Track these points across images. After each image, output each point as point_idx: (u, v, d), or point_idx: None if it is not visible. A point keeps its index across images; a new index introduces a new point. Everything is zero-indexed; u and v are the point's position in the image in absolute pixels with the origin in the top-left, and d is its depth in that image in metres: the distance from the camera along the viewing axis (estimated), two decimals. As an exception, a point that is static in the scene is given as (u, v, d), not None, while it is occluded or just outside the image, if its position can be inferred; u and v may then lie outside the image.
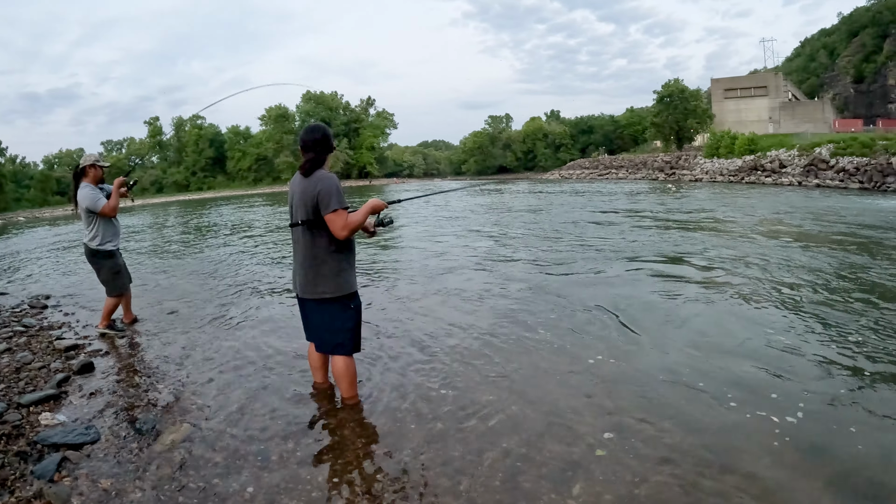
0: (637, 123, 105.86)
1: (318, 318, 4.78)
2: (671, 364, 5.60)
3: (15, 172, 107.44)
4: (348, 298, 4.70)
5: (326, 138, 4.67)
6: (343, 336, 4.75)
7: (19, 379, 5.96)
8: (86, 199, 7.16)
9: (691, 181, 46.96)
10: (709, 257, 11.06)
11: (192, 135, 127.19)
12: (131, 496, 3.74)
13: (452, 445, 4.24)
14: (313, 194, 4.45)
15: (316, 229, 4.55)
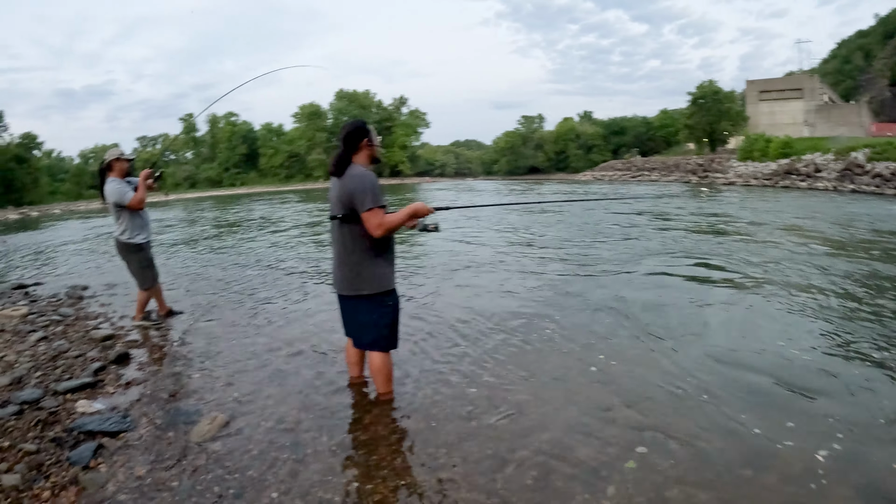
0: (670, 125, 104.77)
1: (355, 314, 4.77)
2: (699, 374, 5.42)
3: (50, 166, 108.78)
4: (385, 295, 4.68)
5: (351, 133, 4.61)
6: (379, 332, 4.72)
7: (56, 367, 6.02)
8: (113, 193, 7.21)
9: (724, 184, 46.33)
10: (739, 263, 10.83)
11: (225, 131, 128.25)
12: (167, 485, 3.76)
13: (485, 443, 4.21)
14: (348, 193, 4.42)
15: (352, 225, 4.52)
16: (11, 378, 5.61)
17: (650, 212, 22.49)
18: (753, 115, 74.84)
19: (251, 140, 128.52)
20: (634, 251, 12.80)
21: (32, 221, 45.25)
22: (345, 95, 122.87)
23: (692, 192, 36.93)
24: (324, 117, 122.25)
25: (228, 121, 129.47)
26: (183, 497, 3.61)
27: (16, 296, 10.60)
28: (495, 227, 19.16)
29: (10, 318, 8.33)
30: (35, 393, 5.19)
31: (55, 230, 30.91)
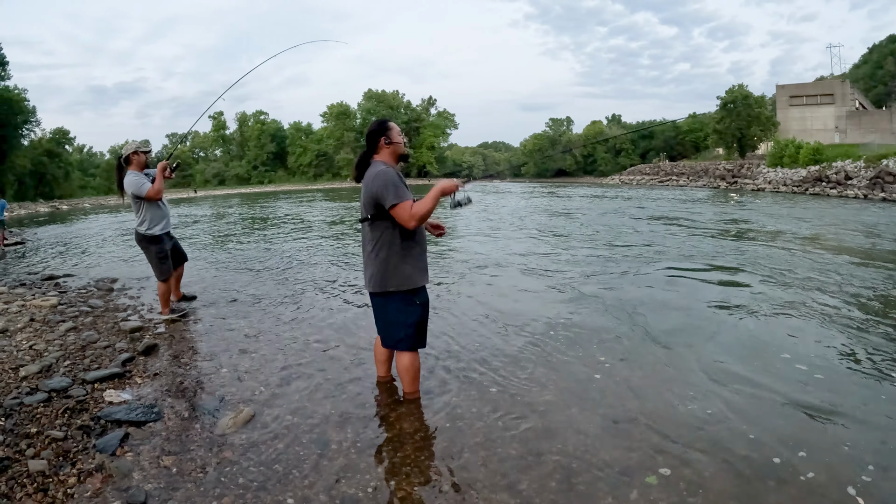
0: (699, 130, 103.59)
1: (383, 311, 4.75)
2: (721, 386, 5.27)
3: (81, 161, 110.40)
4: (412, 293, 4.66)
5: (370, 134, 4.66)
6: (405, 331, 4.70)
7: (84, 356, 6.09)
8: (131, 185, 7.35)
9: (753, 190, 45.75)
10: (762, 271, 10.65)
11: (254, 130, 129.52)
12: (192, 476, 3.77)
13: (510, 444, 4.18)
14: (371, 195, 4.44)
15: (380, 223, 4.53)
16: (41, 366, 5.68)
17: (677, 216, 22.34)
18: (783, 120, 73.91)
19: (280, 139, 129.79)
20: (658, 254, 12.73)
21: (63, 215, 45.82)
22: (373, 95, 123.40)
23: (721, 198, 36.53)
24: (352, 117, 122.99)
25: (258, 119, 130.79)
26: (208, 488, 3.63)
27: (46, 286, 10.72)
28: (518, 227, 19.12)
29: (41, 307, 8.43)
30: (63, 381, 5.24)
31: (85, 224, 31.27)
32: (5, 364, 5.81)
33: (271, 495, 3.56)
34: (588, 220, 21.78)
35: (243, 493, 3.57)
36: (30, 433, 4.26)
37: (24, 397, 4.91)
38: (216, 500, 3.51)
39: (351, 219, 26.44)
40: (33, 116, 73.22)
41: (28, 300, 9.03)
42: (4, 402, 4.82)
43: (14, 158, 68.55)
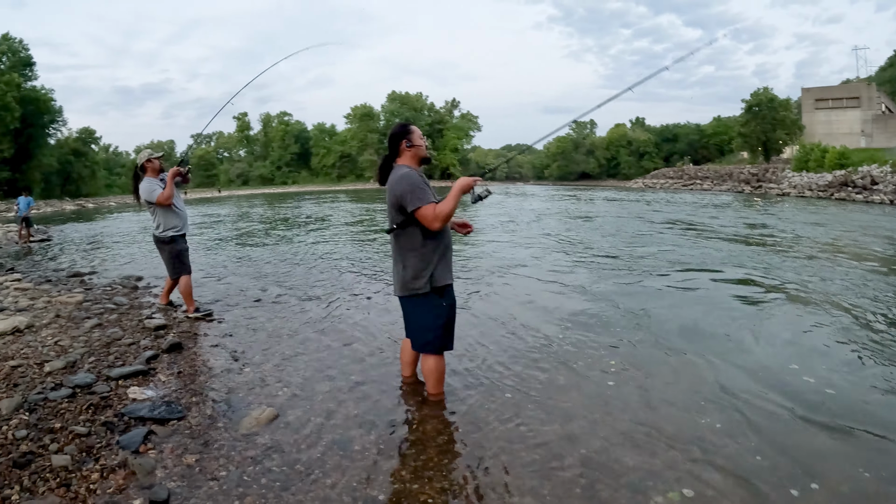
0: (723, 133, 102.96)
1: (410, 314, 4.76)
2: (744, 398, 5.12)
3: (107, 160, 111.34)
4: (439, 294, 4.64)
5: (391, 137, 4.67)
6: (432, 333, 4.70)
7: (109, 353, 6.11)
8: (144, 191, 7.61)
9: (778, 195, 45.18)
10: (784, 278, 10.49)
11: (278, 130, 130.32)
12: (215, 474, 3.76)
13: (533, 449, 4.14)
14: (395, 197, 4.46)
15: (409, 227, 4.53)
16: (66, 362, 5.70)
17: (698, 221, 22.19)
18: (809, 124, 73.15)
19: (304, 139, 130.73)
20: (676, 260, 12.64)
21: (88, 213, 46.34)
22: (397, 97, 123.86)
23: (744, 203, 36.20)
24: (376, 119, 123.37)
25: (281, 120, 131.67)
26: (230, 487, 3.61)
27: (72, 283, 10.83)
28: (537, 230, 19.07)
29: (66, 304, 8.49)
30: (88, 378, 5.26)
31: (110, 222, 31.60)
32: (30, 359, 5.84)
33: (294, 496, 3.53)
34: (608, 225, 21.69)
35: (265, 493, 3.55)
36: (53, 428, 4.27)
37: (49, 392, 4.93)
38: (238, 499, 3.49)
39: (373, 220, 26.49)
40: (60, 116, 74.21)
41: (54, 296, 9.11)
42: (29, 396, 4.84)
43: (41, 157, 69.37)
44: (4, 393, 4.93)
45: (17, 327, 6.96)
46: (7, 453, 3.86)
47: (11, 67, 66.69)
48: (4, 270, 13.14)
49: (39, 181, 69.11)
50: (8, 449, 3.92)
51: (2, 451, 3.90)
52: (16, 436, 4.12)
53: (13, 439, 4.07)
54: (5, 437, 4.10)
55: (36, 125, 67.71)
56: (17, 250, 17.46)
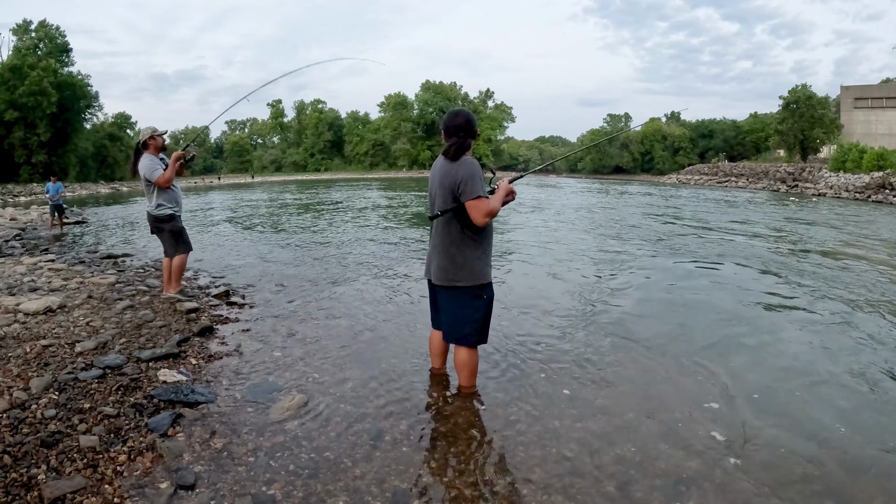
0: (760, 130, 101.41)
1: (449, 306, 4.66)
2: (781, 407, 5.01)
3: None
4: (481, 288, 4.58)
5: (469, 123, 4.51)
6: (471, 327, 4.61)
7: (140, 335, 6.10)
8: (144, 168, 7.53)
9: (814, 195, 44.28)
10: (815, 284, 10.15)
11: (312, 118, 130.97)
12: (244, 459, 3.71)
13: (566, 445, 4.05)
14: (455, 179, 4.33)
15: (456, 216, 4.46)
16: (97, 343, 5.70)
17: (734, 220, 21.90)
18: (847, 123, 71.67)
19: (337, 127, 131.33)
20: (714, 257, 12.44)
21: (123, 196, 46.91)
22: (431, 86, 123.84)
23: (780, 202, 35.62)
24: (409, 108, 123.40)
25: (315, 108, 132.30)
26: (258, 473, 3.55)
27: (105, 265, 10.91)
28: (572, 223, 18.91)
29: (99, 285, 8.53)
30: (118, 359, 5.24)
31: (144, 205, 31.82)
32: (62, 339, 5.84)
33: (322, 484, 3.47)
34: (642, 221, 21.45)
35: (293, 480, 3.49)
36: (83, 408, 4.25)
37: (79, 373, 4.92)
38: (266, 485, 3.44)
39: (405, 207, 26.47)
40: (96, 101, 75.18)
41: (87, 277, 9.16)
42: (59, 376, 4.83)
43: (77, 141, 70.36)
44: (35, 372, 4.93)
45: (50, 307, 6.98)
46: (35, 432, 3.84)
47: (49, 54, 67.81)
48: (39, 251, 13.27)
49: (75, 165, 70.17)
50: (36, 428, 3.91)
51: (30, 429, 3.88)
52: (45, 415, 4.10)
53: (42, 418, 4.06)
54: (34, 415, 4.09)
55: (72, 110, 68.66)
56: (48, 235, 17.56)
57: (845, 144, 54.67)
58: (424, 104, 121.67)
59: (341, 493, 3.40)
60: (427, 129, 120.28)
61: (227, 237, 16.49)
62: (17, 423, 3.96)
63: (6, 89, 61.52)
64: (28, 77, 61.64)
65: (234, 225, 20.09)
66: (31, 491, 3.23)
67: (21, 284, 8.47)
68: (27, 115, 62.04)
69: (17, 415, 4.08)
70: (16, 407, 4.23)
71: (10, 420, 3.99)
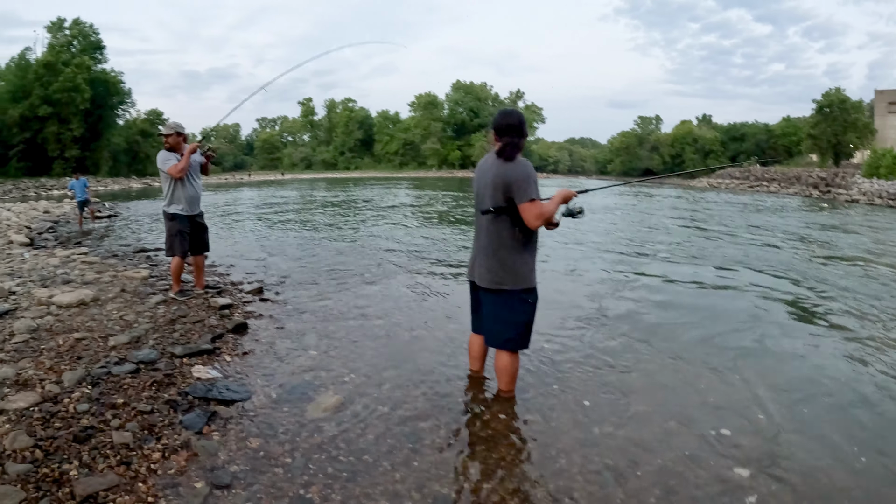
0: (792, 134, 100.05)
1: (493, 308, 4.54)
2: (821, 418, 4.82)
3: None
4: (527, 293, 4.47)
5: (522, 123, 4.41)
6: (515, 331, 4.50)
7: (173, 330, 6.06)
8: (158, 160, 7.55)
9: (847, 201, 43.37)
10: (843, 297, 9.37)
11: (342, 116, 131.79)
12: (280, 460, 3.62)
13: (606, 453, 3.93)
14: (507, 180, 4.23)
15: (504, 216, 4.34)
16: (130, 337, 5.66)
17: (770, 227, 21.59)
18: (881, 128, 70.31)
19: (367, 126, 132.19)
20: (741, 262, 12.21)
21: (154, 191, 47.25)
22: (461, 86, 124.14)
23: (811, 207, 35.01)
24: (440, 107, 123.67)
25: (346, 106, 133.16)
26: (295, 475, 3.46)
27: (138, 259, 10.93)
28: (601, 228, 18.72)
29: (132, 279, 8.52)
30: (152, 354, 5.20)
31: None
32: (95, 332, 5.82)
33: (360, 487, 3.37)
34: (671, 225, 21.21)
35: (331, 483, 3.39)
36: (116, 404, 4.20)
37: (112, 367, 4.88)
38: (303, 487, 3.34)
39: (434, 207, 26.40)
40: (128, 98, 76.18)
41: (120, 271, 9.17)
42: (92, 370, 4.79)
43: (109, 137, 71.27)
44: (68, 365, 4.90)
45: (83, 300, 6.97)
46: (67, 426, 3.79)
47: (82, 51, 68.82)
48: (72, 244, 13.34)
49: (108, 160, 71.04)
50: (68, 422, 3.85)
51: (62, 423, 3.83)
52: (77, 409, 4.05)
53: (74, 412, 4.01)
54: (66, 409, 4.04)
55: (105, 106, 69.58)
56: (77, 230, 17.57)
57: (879, 150, 53.66)
58: (455, 104, 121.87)
59: (381, 497, 3.30)
60: (457, 129, 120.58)
61: (258, 233, 16.55)
62: (49, 417, 3.92)
63: (40, 85, 62.37)
64: (62, 73, 62.54)
65: (266, 221, 20.17)
66: (63, 487, 3.17)
67: (54, 276, 8.49)
68: (61, 110, 62.85)
69: (49, 408, 4.04)
70: (48, 400, 4.19)
71: (42, 413, 3.95)
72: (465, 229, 17.91)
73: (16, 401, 4.10)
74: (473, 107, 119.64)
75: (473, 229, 4.76)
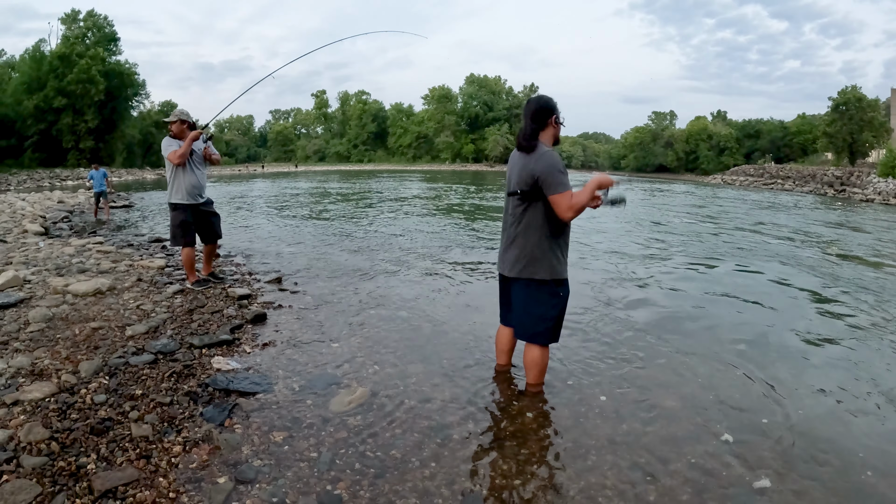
0: (808, 132, 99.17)
1: (523, 301, 4.40)
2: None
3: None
4: (558, 284, 4.33)
5: (541, 110, 4.27)
6: (546, 324, 4.37)
7: (191, 320, 5.97)
8: (162, 147, 7.45)
9: (861, 201, 42.89)
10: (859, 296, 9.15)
11: (356, 109, 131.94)
12: (306, 455, 3.50)
13: (637, 450, 3.80)
14: (534, 173, 4.09)
15: (535, 205, 4.20)
16: (147, 327, 5.56)
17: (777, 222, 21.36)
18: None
19: (381, 119, 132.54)
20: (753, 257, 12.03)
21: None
22: (475, 80, 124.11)
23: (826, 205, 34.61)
24: (454, 101, 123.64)
25: (359, 99, 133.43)
26: (322, 470, 3.34)
27: (154, 248, 10.84)
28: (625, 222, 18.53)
29: (149, 268, 8.43)
30: (170, 344, 5.10)
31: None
32: (112, 322, 5.72)
33: (389, 484, 3.25)
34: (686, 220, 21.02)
35: (360, 480, 3.27)
36: (134, 395, 4.10)
37: (130, 357, 4.78)
38: (331, 483, 3.22)
39: (449, 200, 26.27)
40: (143, 89, 77.00)
41: (136, 260, 9.09)
42: (110, 360, 4.68)
43: (124, 128, 71.77)
44: (84, 355, 4.80)
45: (99, 289, 6.87)
46: (84, 418, 3.68)
47: (97, 43, 69.28)
48: (87, 234, 13.28)
49: (122, 151, 71.57)
50: (86, 414, 3.75)
51: (79, 415, 3.73)
52: (94, 400, 3.95)
53: (91, 404, 3.90)
54: (83, 401, 3.94)
55: (119, 98, 70.22)
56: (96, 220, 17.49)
57: (895, 149, 53.15)
58: (469, 97, 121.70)
59: (410, 494, 3.18)
60: (471, 123, 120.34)
61: (274, 223, 16.48)
62: (66, 408, 3.82)
63: (55, 77, 62.88)
64: (76, 65, 62.91)
65: (281, 212, 20.10)
66: (80, 482, 3.06)
67: (70, 266, 8.40)
68: (75, 102, 63.38)
69: (65, 399, 3.94)
70: (64, 391, 4.08)
71: (58, 404, 3.85)
72: (480, 220, 17.95)
73: (31, 391, 3.99)
74: (487, 100, 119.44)
75: (502, 220, 4.61)
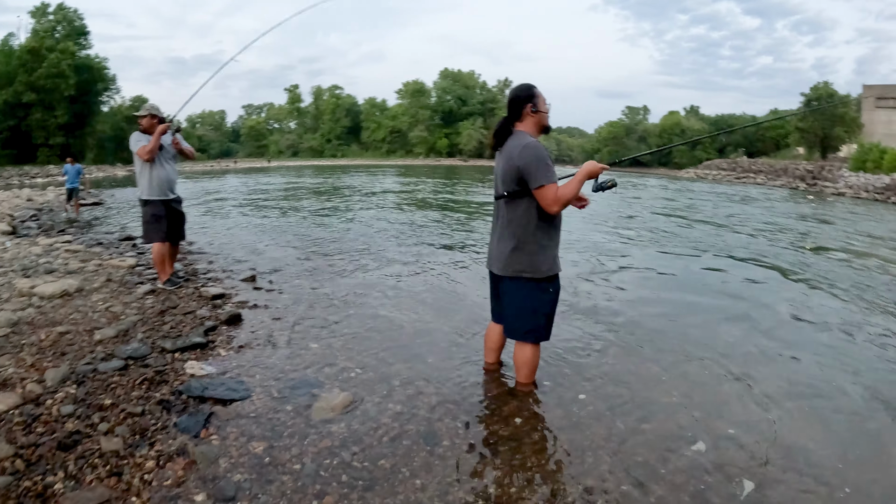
0: (780, 127, 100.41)
1: (513, 298, 4.25)
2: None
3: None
4: (549, 281, 4.18)
5: (513, 99, 4.20)
6: (536, 321, 4.22)
7: (163, 322, 5.73)
8: (131, 142, 7.23)
9: (833, 194, 43.30)
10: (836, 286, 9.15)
11: (329, 104, 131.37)
12: (288, 467, 3.29)
13: (635, 449, 3.69)
14: (514, 168, 3.97)
15: (520, 201, 4.06)
16: (117, 330, 5.32)
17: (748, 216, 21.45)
18: (868, 122, 70.33)
19: (354, 113, 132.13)
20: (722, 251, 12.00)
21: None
22: (449, 74, 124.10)
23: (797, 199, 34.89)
24: (427, 95, 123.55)
25: (333, 93, 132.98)
26: (307, 483, 3.14)
27: (124, 247, 10.55)
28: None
29: (118, 268, 8.18)
30: (141, 349, 4.86)
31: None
32: (80, 325, 5.48)
33: (379, 497, 3.06)
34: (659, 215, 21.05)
35: (348, 493, 3.07)
36: (103, 405, 3.85)
37: (99, 363, 4.54)
38: (317, 498, 3.02)
39: (425, 194, 26.14)
40: (114, 84, 76.03)
41: (105, 259, 8.82)
42: (77, 367, 4.44)
43: (95, 124, 70.95)
44: (51, 362, 4.55)
45: (67, 291, 6.61)
46: (51, 432, 3.45)
47: (66, 36, 68.26)
48: (55, 232, 12.94)
49: (93, 147, 70.70)
50: (52, 427, 3.51)
51: (45, 428, 3.49)
52: (61, 412, 3.71)
53: (58, 416, 3.66)
54: (49, 412, 3.70)
55: (90, 93, 69.46)
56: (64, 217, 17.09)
57: (866, 144, 53.79)
58: (443, 92, 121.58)
59: (403, 509, 2.97)
60: (445, 117, 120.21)
61: (247, 220, 16.14)
62: (31, 421, 3.57)
63: (25, 71, 61.94)
64: (46, 60, 61.97)
65: (255, 208, 19.74)
66: (48, 503, 2.80)
67: (36, 266, 8.10)
68: (45, 97, 62.44)
69: (30, 411, 3.69)
70: (29, 402, 3.83)
71: (22, 417, 3.60)
72: (455, 215, 17.89)
73: (-6, 403, 3.73)
74: (462, 94, 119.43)
75: (492, 218, 4.46)
